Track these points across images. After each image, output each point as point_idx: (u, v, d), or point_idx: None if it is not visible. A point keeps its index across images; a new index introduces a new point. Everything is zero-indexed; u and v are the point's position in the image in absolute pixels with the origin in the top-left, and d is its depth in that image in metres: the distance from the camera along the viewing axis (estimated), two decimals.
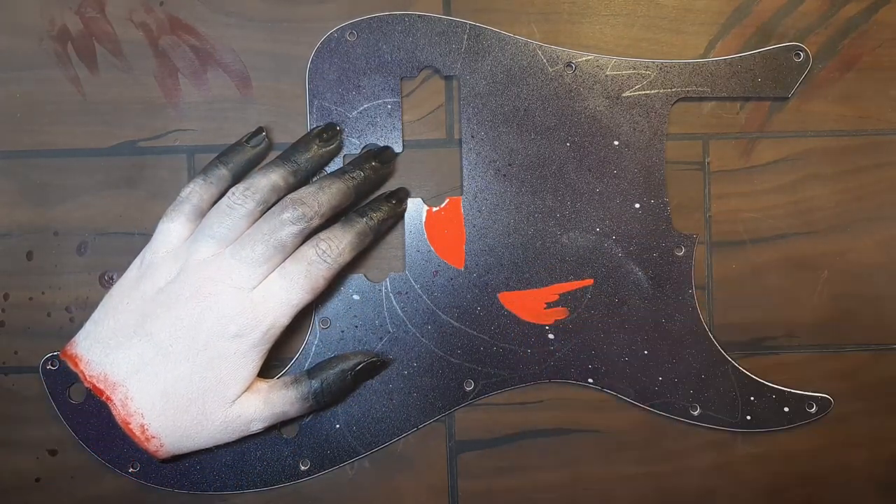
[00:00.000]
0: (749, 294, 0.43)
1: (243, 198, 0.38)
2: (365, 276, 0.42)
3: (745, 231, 0.43)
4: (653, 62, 0.42)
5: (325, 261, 0.38)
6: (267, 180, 0.38)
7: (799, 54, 0.43)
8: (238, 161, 0.40)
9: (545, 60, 0.42)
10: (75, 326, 0.40)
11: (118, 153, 0.42)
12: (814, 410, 0.43)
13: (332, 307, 0.42)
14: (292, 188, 0.39)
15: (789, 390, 0.43)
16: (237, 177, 0.40)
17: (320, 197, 0.38)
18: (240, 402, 0.38)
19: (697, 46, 0.43)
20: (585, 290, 0.42)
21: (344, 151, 0.42)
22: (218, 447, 0.40)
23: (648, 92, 0.42)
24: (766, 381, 0.43)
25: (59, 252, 0.42)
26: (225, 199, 0.38)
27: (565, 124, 0.42)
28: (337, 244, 0.39)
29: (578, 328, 0.42)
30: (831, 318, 0.43)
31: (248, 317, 0.38)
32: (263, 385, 0.39)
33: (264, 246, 0.37)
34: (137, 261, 0.40)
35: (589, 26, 0.43)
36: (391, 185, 0.42)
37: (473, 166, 0.42)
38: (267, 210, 0.39)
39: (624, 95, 0.42)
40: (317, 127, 0.41)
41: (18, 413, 0.42)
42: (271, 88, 0.42)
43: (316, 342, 0.42)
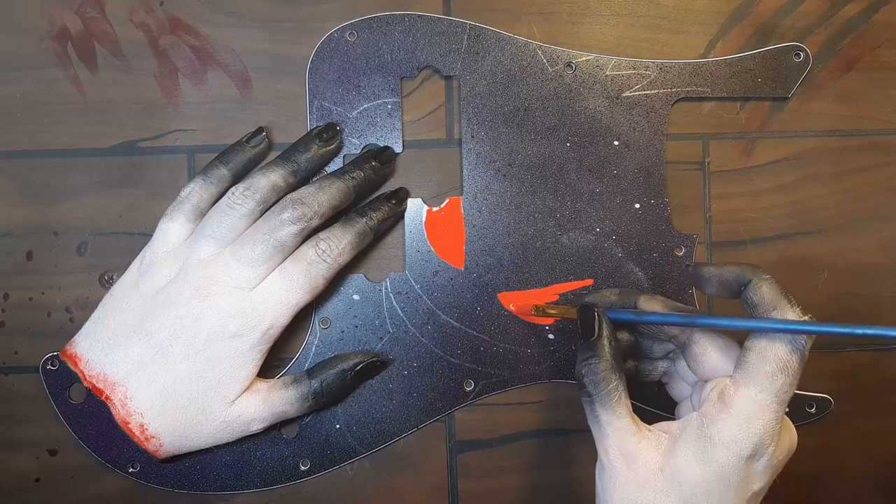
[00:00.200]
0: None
1: (243, 198, 0.38)
2: (365, 276, 0.42)
3: (745, 231, 0.43)
4: (653, 62, 0.42)
5: (325, 260, 0.38)
6: (267, 180, 0.38)
7: (799, 54, 0.43)
8: (238, 161, 0.40)
9: (545, 60, 0.42)
10: (75, 326, 0.40)
11: (118, 153, 0.42)
12: (813, 410, 0.43)
13: (332, 307, 0.42)
14: (292, 188, 0.39)
15: None
16: (237, 177, 0.40)
17: (320, 197, 0.38)
18: (239, 402, 0.38)
19: (697, 46, 0.43)
20: (585, 290, 0.42)
21: (344, 151, 0.42)
22: (218, 447, 0.40)
23: (648, 92, 0.42)
24: None
25: (59, 252, 0.42)
26: (225, 199, 0.38)
27: (565, 124, 0.42)
28: (337, 244, 0.39)
29: (578, 328, 0.42)
30: (831, 319, 0.43)
31: (248, 316, 0.37)
32: (263, 385, 0.39)
33: (264, 245, 0.37)
34: (137, 261, 0.40)
35: (589, 26, 0.43)
36: (391, 185, 0.42)
37: (473, 166, 0.42)
38: (267, 210, 0.39)
39: (624, 95, 0.42)
40: (317, 127, 0.41)
41: (18, 413, 0.42)
42: (271, 88, 0.42)
43: (316, 342, 0.42)
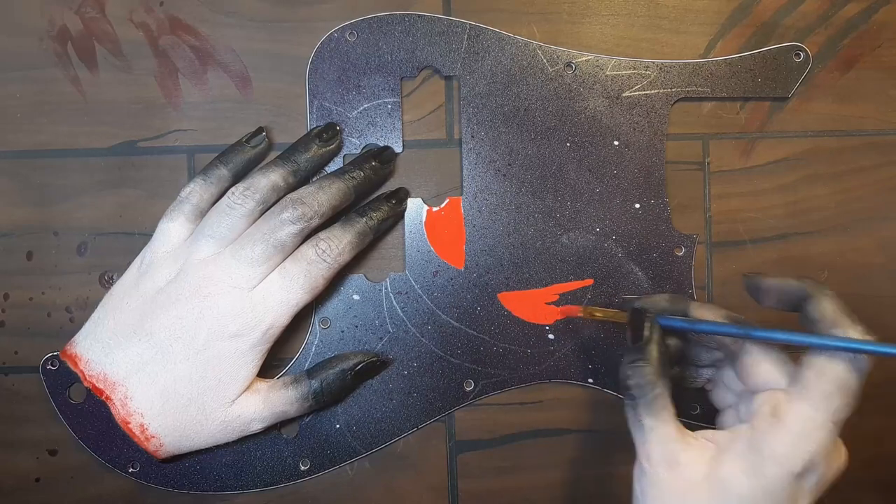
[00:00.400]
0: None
1: (243, 197, 0.38)
2: (365, 276, 0.42)
3: (745, 231, 0.43)
4: (653, 62, 0.42)
5: (325, 260, 0.38)
6: (267, 180, 0.38)
7: (799, 54, 0.43)
8: (238, 161, 0.40)
9: (545, 60, 0.42)
10: (75, 326, 0.40)
11: (118, 153, 0.42)
12: None
13: (332, 307, 0.42)
14: (292, 188, 0.39)
15: None
16: (237, 177, 0.40)
17: (320, 197, 0.38)
18: (239, 402, 0.38)
19: (697, 46, 0.43)
20: (585, 290, 0.42)
21: (344, 151, 0.42)
22: (218, 447, 0.40)
23: (648, 92, 0.42)
24: None
25: (59, 252, 0.42)
26: (225, 199, 0.38)
27: (565, 124, 0.42)
28: (336, 244, 0.39)
29: (578, 328, 0.42)
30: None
31: (248, 316, 0.37)
32: (263, 385, 0.39)
33: (264, 245, 0.37)
34: (137, 261, 0.40)
35: (589, 26, 0.43)
36: (391, 185, 0.42)
37: (473, 166, 0.42)
38: (267, 210, 0.39)
39: (624, 95, 0.42)
40: (317, 127, 0.41)
41: (18, 413, 0.42)
42: (271, 88, 0.42)
43: (316, 342, 0.42)
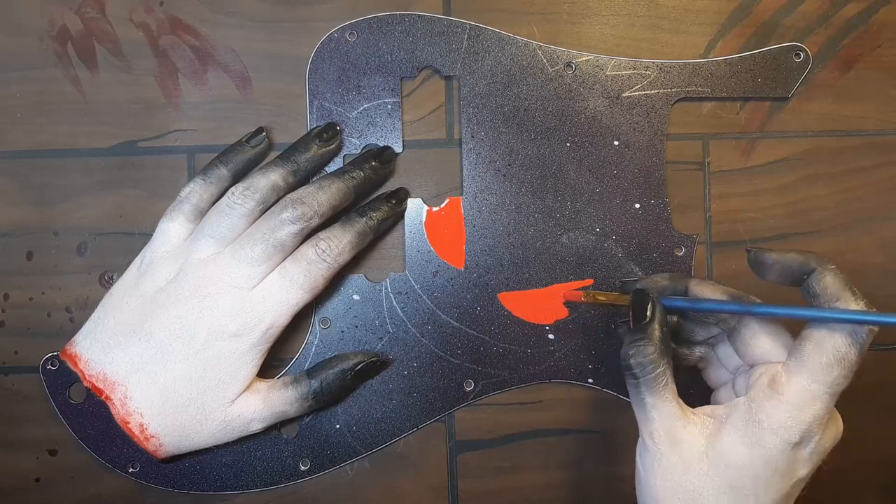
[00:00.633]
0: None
1: (243, 197, 0.38)
2: (365, 276, 0.42)
3: (745, 231, 0.43)
4: (653, 62, 0.42)
5: (325, 260, 0.38)
6: (266, 180, 0.38)
7: (799, 54, 0.43)
8: (238, 161, 0.40)
9: (545, 60, 0.42)
10: (75, 326, 0.40)
11: (118, 153, 0.42)
12: None
13: (332, 307, 0.42)
14: (292, 188, 0.39)
15: None
16: (237, 177, 0.40)
17: (320, 196, 0.38)
18: (239, 402, 0.38)
19: (697, 46, 0.43)
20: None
21: (344, 151, 0.42)
22: (218, 447, 0.40)
23: (648, 92, 0.42)
24: None
25: (59, 252, 0.42)
26: (224, 199, 0.38)
27: (565, 124, 0.42)
28: (336, 244, 0.39)
29: (578, 328, 0.42)
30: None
31: (248, 316, 0.37)
32: (263, 385, 0.39)
33: (264, 245, 0.37)
34: (137, 260, 0.40)
35: (589, 26, 0.43)
36: (391, 185, 0.42)
37: (473, 166, 0.42)
38: (266, 210, 0.39)
39: (624, 95, 0.42)
40: (317, 127, 0.41)
41: (18, 413, 0.42)
42: (271, 88, 0.42)
43: (316, 342, 0.42)
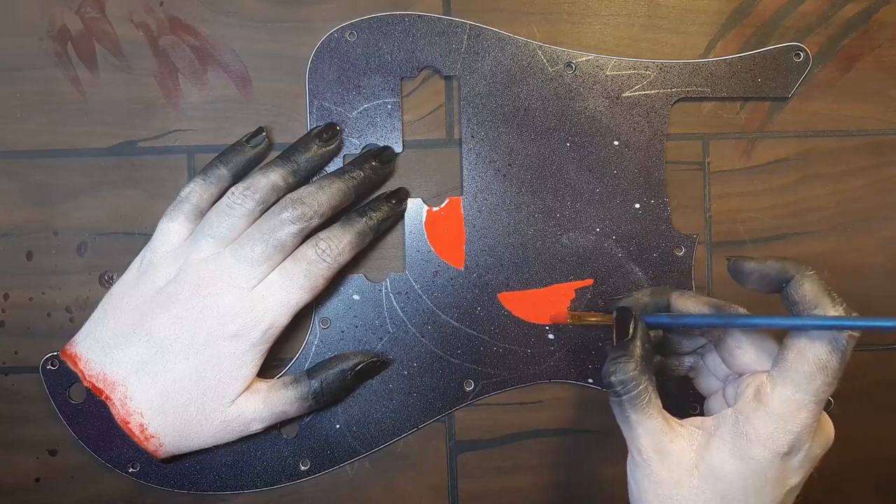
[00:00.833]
0: (749, 294, 0.43)
1: (243, 197, 0.38)
2: (365, 276, 0.42)
3: (745, 231, 0.43)
4: (653, 62, 0.42)
5: (325, 260, 0.38)
6: (266, 180, 0.38)
7: (799, 54, 0.43)
8: (238, 161, 0.40)
9: (545, 60, 0.42)
10: (75, 326, 0.40)
11: (118, 153, 0.42)
12: None
13: (332, 307, 0.42)
14: (292, 188, 0.39)
15: None
16: (237, 177, 0.40)
17: (320, 196, 0.38)
18: (239, 402, 0.38)
19: (697, 46, 0.43)
20: (585, 290, 0.42)
21: (344, 151, 0.42)
22: (218, 447, 0.40)
23: (648, 92, 0.42)
24: None
25: (59, 252, 0.42)
26: (224, 199, 0.38)
27: (565, 124, 0.42)
28: (336, 244, 0.39)
29: (578, 328, 0.42)
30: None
31: (248, 316, 0.37)
32: (263, 385, 0.39)
33: (264, 245, 0.37)
34: (137, 260, 0.40)
35: (589, 26, 0.43)
36: (391, 185, 0.42)
37: (473, 166, 0.42)
38: (267, 210, 0.39)
39: (624, 95, 0.42)
40: (317, 127, 0.41)
41: (18, 413, 0.42)
42: (271, 88, 0.42)
43: (316, 342, 0.42)
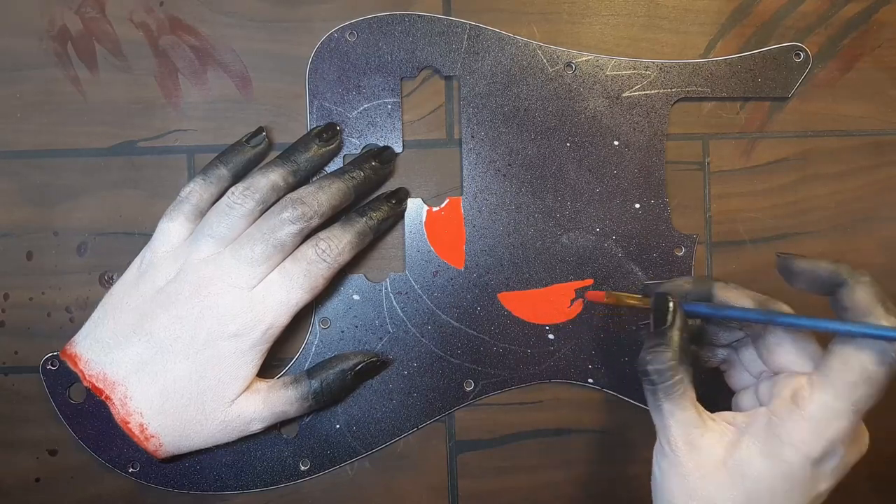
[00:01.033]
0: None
1: (243, 197, 0.38)
2: (365, 276, 0.42)
3: (745, 231, 0.43)
4: (653, 62, 0.42)
5: (325, 260, 0.38)
6: (266, 180, 0.38)
7: (799, 54, 0.43)
8: (238, 161, 0.40)
9: (545, 60, 0.42)
10: (75, 326, 0.40)
11: (118, 153, 0.42)
12: None
13: (332, 307, 0.42)
14: (292, 188, 0.39)
15: None
16: (237, 177, 0.40)
17: (320, 196, 0.38)
18: (239, 402, 0.38)
19: (697, 46, 0.43)
20: (585, 291, 0.42)
21: (344, 151, 0.42)
22: (218, 447, 0.40)
23: (648, 92, 0.42)
24: None
25: (59, 252, 0.42)
26: (224, 199, 0.38)
27: (565, 124, 0.42)
28: (336, 244, 0.39)
29: (578, 328, 0.42)
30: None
31: (248, 316, 0.37)
32: (263, 385, 0.39)
33: (264, 245, 0.37)
34: (137, 260, 0.40)
35: (589, 26, 0.43)
36: (391, 185, 0.42)
37: (473, 166, 0.42)
38: (266, 210, 0.39)
39: (624, 95, 0.42)
40: (317, 127, 0.41)
41: (18, 413, 0.42)
42: (271, 88, 0.42)
43: (316, 342, 0.42)
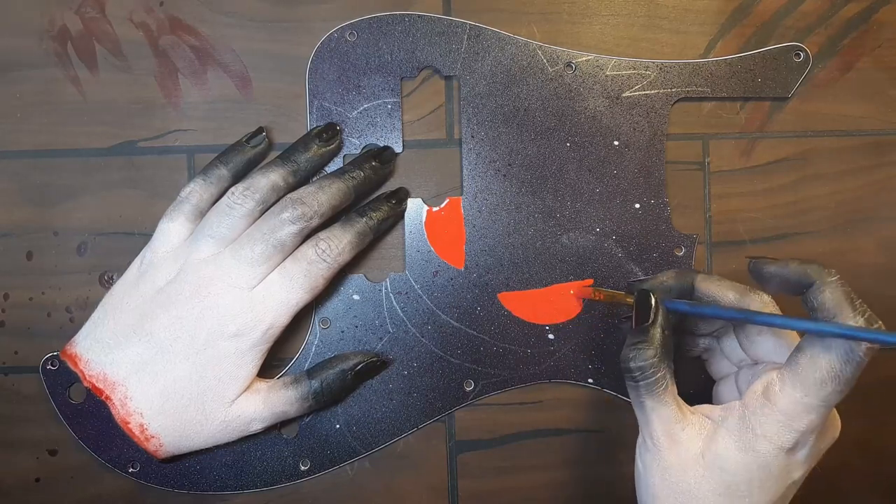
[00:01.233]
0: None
1: (243, 197, 0.38)
2: (365, 276, 0.42)
3: (745, 231, 0.43)
4: (653, 62, 0.42)
5: (325, 260, 0.38)
6: (266, 180, 0.38)
7: (799, 54, 0.43)
8: (238, 161, 0.40)
9: (545, 60, 0.42)
10: (75, 326, 0.40)
11: (118, 153, 0.42)
12: None
13: (332, 307, 0.42)
14: (292, 188, 0.39)
15: None
16: (237, 177, 0.40)
17: (320, 196, 0.38)
18: (239, 402, 0.38)
19: (697, 46, 0.43)
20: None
21: (344, 151, 0.42)
22: (218, 447, 0.40)
23: (648, 92, 0.42)
24: None
25: (59, 252, 0.42)
26: (225, 199, 0.38)
27: (565, 124, 0.42)
28: (336, 244, 0.39)
29: (578, 328, 0.42)
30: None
31: (248, 316, 0.37)
32: (263, 385, 0.39)
33: (264, 245, 0.37)
34: (137, 261, 0.40)
35: (589, 26, 0.43)
36: (391, 185, 0.42)
37: (473, 166, 0.42)
38: (267, 210, 0.39)
39: (624, 95, 0.42)
40: (317, 127, 0.41)
41: (18, 413, 0.42)
42: (271, 88, 0.42)
43: (316, 342, 0.42)
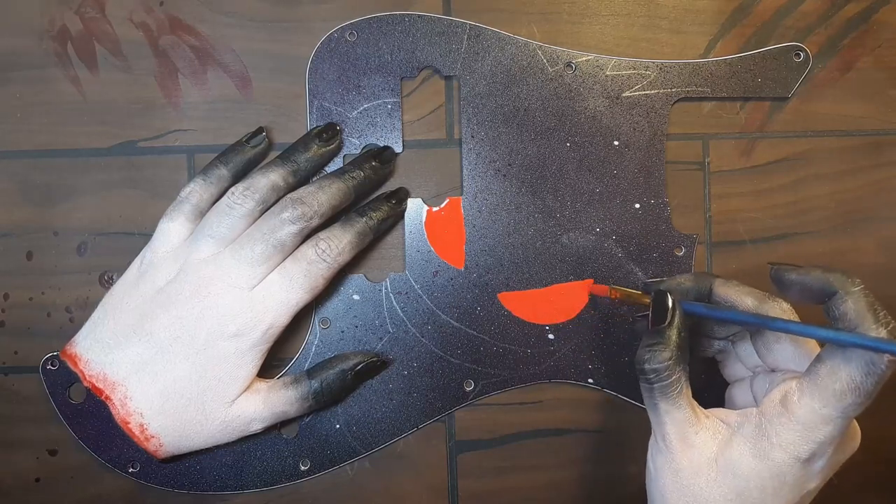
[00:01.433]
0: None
1: (243, 197, 0.38)
2: (365, 276, 0.42)
3: (745, 231, 0.43)
4: (653, 62, 0.42)
5: (325, 260, 0.38)
6: (266, 180, 0.38)
7: (799, 54, 0.43)
8: (238, 161, 0.40)
9: (545, 60, 0.42)
10: (75, 326, 0.40)
11: (118, 153, 0.42)
12: None
13: (332, 307, 0.42)
14: (292, 188, 0.39)
15: None
16: (237, 177, 0.40)
17: (320, 196, 0.38)
18: (239, 402, 0.38)
19: (697, 46, 0.43)
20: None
21: (344, 151, 0.42)
22: (218, 447, 0.40)
23: (648, 92, 0.42)
24: None
25: (59, 252, 0.42)
26: (224, 199, 0.38)
27: (565, 124, 0.42)
28: (336, 244, 0.39)
29: (578, 328, 0.42)
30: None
31: (248, 316, 0.37)
32: (263, 385, 0.39)
33: (264, 245, 0.37)
34: (137, 261, 0.40)
35: (589, 26, 0.43)
36: (391, 185, 0.42)
37: (473, 166, 0.42)
38: (266, 210, 0.39)
39: (624, 95, 0.42)
40: (317, 127, 0.41)
41: (18, 413, 0.42)
42: (271, 88, 0.42)
43: (316, 342, 0.42)
